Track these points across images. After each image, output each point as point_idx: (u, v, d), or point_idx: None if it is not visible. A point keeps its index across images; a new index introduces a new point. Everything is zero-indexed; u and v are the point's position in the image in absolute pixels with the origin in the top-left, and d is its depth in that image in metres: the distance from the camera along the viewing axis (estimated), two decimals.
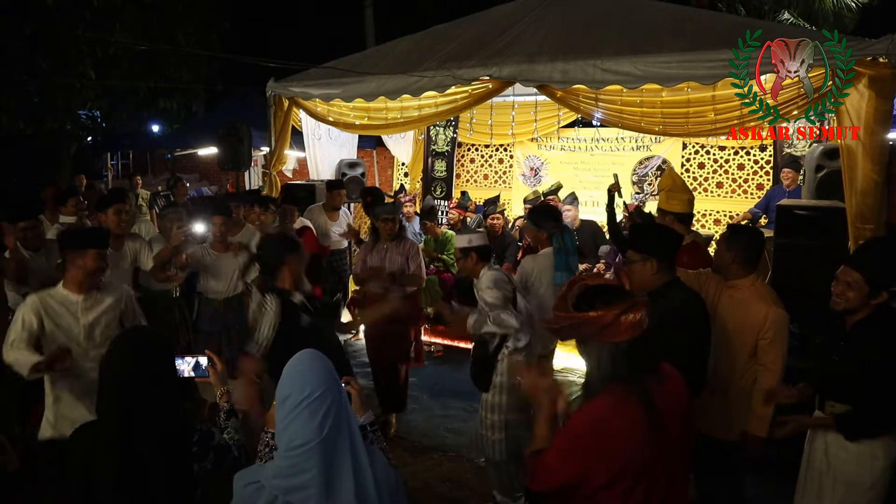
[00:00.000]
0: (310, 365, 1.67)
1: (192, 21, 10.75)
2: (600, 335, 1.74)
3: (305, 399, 1.58)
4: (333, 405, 1.61)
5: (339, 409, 1.62)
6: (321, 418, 1.57)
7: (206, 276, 4.79)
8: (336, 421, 1.60)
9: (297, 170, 10.97)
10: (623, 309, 1.72)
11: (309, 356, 1.72)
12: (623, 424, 1.71)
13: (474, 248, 3.60)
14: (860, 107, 4.08)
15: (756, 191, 8.00)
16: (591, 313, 1.73)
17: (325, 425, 1.57)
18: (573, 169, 9.04)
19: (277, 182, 6.99)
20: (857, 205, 4.13)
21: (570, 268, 4.11)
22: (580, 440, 1.75)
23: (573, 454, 1.74)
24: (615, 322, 1.71)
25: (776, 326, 2.86)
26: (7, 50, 8.77)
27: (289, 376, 1.65)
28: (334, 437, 1.58)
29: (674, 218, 3.78)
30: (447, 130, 9.17)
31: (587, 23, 5.44)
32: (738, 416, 2.94)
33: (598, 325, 1.73)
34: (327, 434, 1.57)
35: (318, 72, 6.52)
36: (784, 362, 2.86)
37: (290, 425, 1.57)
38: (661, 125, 5.40)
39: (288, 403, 1.59)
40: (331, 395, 1.62)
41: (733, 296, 3.00)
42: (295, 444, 1.55)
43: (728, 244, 3.00)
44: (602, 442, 1.71)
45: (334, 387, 1.65)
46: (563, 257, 4.12)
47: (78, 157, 12.80)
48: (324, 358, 1.73)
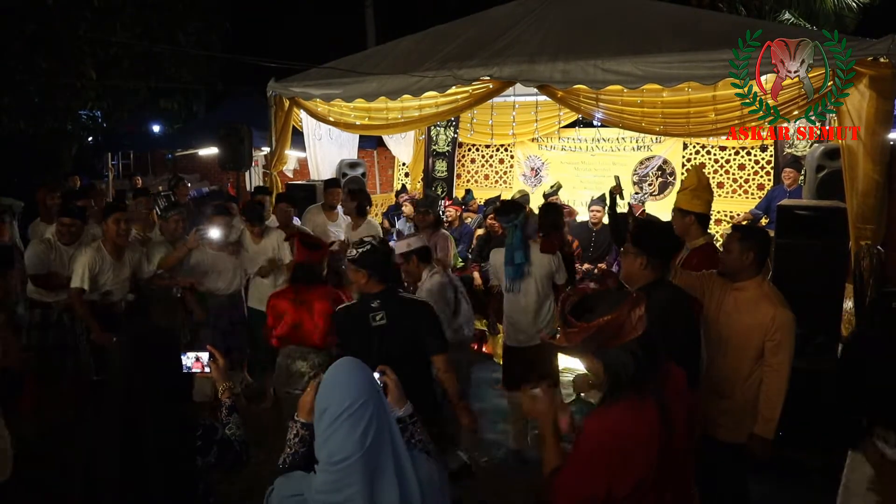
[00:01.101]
0: (349, 374, 1.60)
1: (192, 21, 10.76)
2: (620, 336, 1.71)
3: (346, 411, 1.51)
4: (375, 416, 1.53)
5: (380, 419, 1.55)
6: (362, 431, 1.50)
7: (208, 276, 4.84)
8: (378, 431, 1.52)
9: (298, 170, 10.97)
10: (629, 305, 1.71)
11: (349, 364, 1.64)
12: (642, 433, 1.69)
13: (414, 251, 3.76)
14: (861, 107, 4.08)
15: (757, 191, 8.00)
16: (605, 318, 1.70)
17: (367, 438, 1.50)
18: (574, 169, 9.05)
19: (278, 182, 6.99)
20: (858, 205, 4.14)
21: (513, 262, 4.15)
22: (601, 452, 1.71)
23: (595, 467, 1.71)
24: (628, 320, 1.70)
25: (784, 328, 2.83)
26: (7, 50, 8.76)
27: (327, 386, 1.59)
28: (377, 449, 1.52)
29: (695, 218, 3.66)
30: (448, 130, 9.17)
31: (588, 23, 5.44)
32: (744, 419, 2.92)
33: (614, 327, 1.70)
34: (369, 446, 1.50)
35: (319, 72, 6.52)
36: (790, 365, 2.84)
37: (330, 438, 1.51)
38: (661, 125, 5.40)
39: (327, 416, 1.53)
40: (372, 405, 1.54)
41: (739, 297, 2.96)
42: (336, 458, 1.49)
43: (743, 245, 2.93)
44: (624, 452, 1.68)
45: (375, 396, 1.58)
46: (509, 253, 4.18)
47: (78, 157, 12.80)
48: (364, 367, 1.66)
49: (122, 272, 4.49)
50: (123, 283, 4.52)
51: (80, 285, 4.26)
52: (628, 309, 1.70)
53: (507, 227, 4.25)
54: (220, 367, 2.32)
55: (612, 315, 1.70)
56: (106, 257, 4.38)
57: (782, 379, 2.83)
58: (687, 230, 3.67)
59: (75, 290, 4.27)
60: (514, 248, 4.16)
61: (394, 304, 2.94)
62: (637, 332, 1.71)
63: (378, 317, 2.88)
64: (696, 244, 3.65)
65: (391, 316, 2.90)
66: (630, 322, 1.70)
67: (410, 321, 2.93)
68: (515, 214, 4.20)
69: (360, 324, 2.91)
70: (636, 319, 1.70)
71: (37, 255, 4.41)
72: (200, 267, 4.81)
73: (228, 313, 4.95)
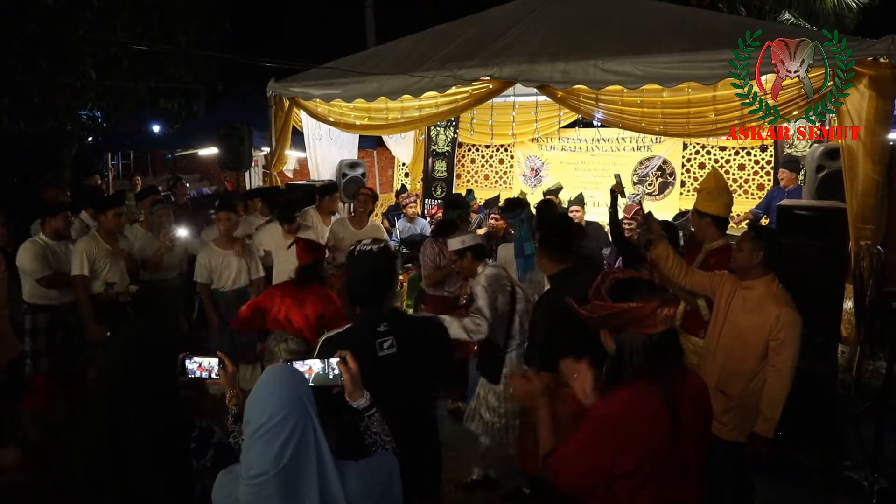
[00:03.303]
0: (275, 386, 1.56)
1: (192, 21, 10.73)
2: (637, 326, 1.76)
3: (264, 425, 1.49)
4: (297, 430, 1.49)
5: (304, 433, 1.50)
6: (280, 447, 1.47)
7: (215, 274, 4.88)
8: (299, 447, 1.49)
9: (298, 170, 10.96)
10: (660, 302, 1.75)
11: (277, 375, 1.61)
12: (644, 413, 1.74)
13: (469, 248, 3.79)
14: (861, 107, 4.08)
15: (757, 191, 8.00)
16: (631, 304, 1.75)
17: (284, 454, 1.46)
18: (574, 169, 9.05)
19: (278, 182, 6.99)
20: (858, 205, 4.14)
21: (523, 253, 4.38)
22: (605, 429, 1.76)
23: (598, 444, 1.76)
24: (652, 314, 1.74)
25: (788, 328, 2.84)
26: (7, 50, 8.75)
27: (252, 398, 1.56)
28: (295, 465, 1.48)
29: (711, 220, 3.64)
30: (448, 131, 9.17)
31: (588, 23, 5.44)
32: (748, 417, 2.93)
33: (636, 316, 1.74)
34: (287, 463, 1.47)
35: (319, 72, 6.52)
36: (794, 365, 2.84)
37: (249, 451, 1.49)
38: (661, 125, 5.40)
39: (249, 428, 1.51)
40: (294, 419, 1.50)
41: (747, 296, 2.99)
42: (252, 473, 1.48)
43: (754, 244, 2.96)
44: (626, 429, 1.73)
45: (299, 409, 1.53)
46: (518, 245, 4.42)
47: (78, 157, 12.78)
48: (295, 378, 1.62)
49: (120, 261, 4.66)
50: (123, 273, 4.68)
51: (81, 272, 4.42)
52: (656, 305, 1.74)
53: (513, 222, 4.53)
54: (228, 374, 2.26)
55: (639, 304, 1.74)
56: (101, 244, 4.55)
57: (784, 378, 2.83)
58: (704, 231, 3.69)
59: (79, 278, 4.42)
60: (523, 239, 4.39)
61: (404, 327, 2.40)
62: (657, 328, 1.74)
63: (386, 344, 2.33)
64: (714, 246, 3.65)
65: (402, 342, 2.35)
66: (654, 317, 1.74)
67: (425, 346, 2.41)
68: (521, 210, 4.49)
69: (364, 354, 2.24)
70: (661, 318, 1.74)
71: (34, 257, 4.40)
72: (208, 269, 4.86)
73: (235, 310, 4.96)
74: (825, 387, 3.88)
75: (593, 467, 1.76)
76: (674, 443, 1.75)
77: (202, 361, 2.24)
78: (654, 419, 1.73)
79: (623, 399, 1.78)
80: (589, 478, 1.78)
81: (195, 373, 2.23)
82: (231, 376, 2.27)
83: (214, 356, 2.25)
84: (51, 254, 4.48)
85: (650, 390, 1.75)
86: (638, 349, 1.76)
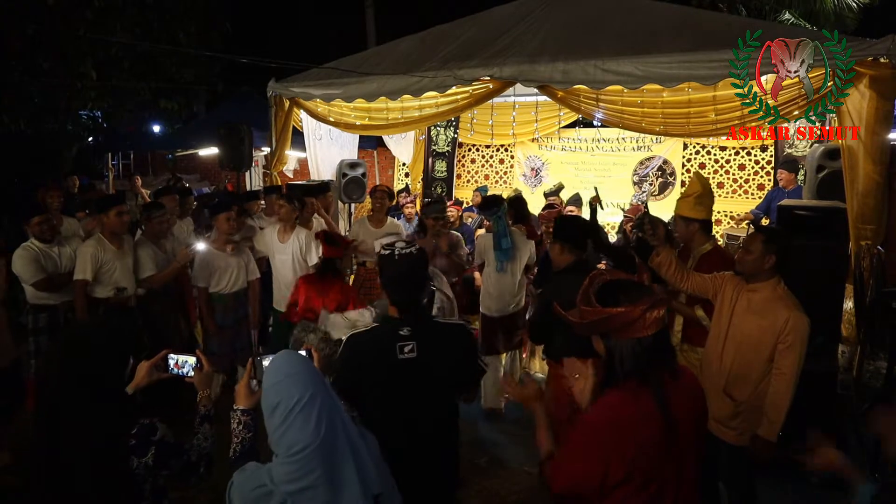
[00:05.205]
0: (291, 370, 1.68)
1: (193, 21, 10.74)
2: (626, 331, 1.73)
3: (297, 404, 1.61)
4: (325, 404, 1.64)
5: (330, 407, 1.66)
6: (316, 420, 1.60)
7: (215, 276, 4.85)
8: (330, 419, 1.63)
9: (298, 170, 10.96)
10: (648, 305, 1.72)
11: (291, 358, 1.73)
12: (635, 414, 1.72)
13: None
14: (861, 107, 4.08)
15: (757, 191, 8.01)
16: (619, 309, 1.72)
17: (321, 426, 1.61)
18: (574, 169, 9.05)
19: (278, 182, 6.99)
20: (858, 205, 4.14)
21: (500, 247, 4.75)
22: (596, 433, 1.75)
23: (590, 448, 1.74)
24: (641, 318, 1.71)
25: (797, 331, 2.81)
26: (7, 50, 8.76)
27: (275, 383, 1.66)
28: (331, 435, 1.63)
29: (699, 226, 3.63)
30: (448, 131, 9.17)
31: (588, 23, 5.44)
32: (754, 420, 2.91)
33: (625, 320, 1.72)
34: (325, 433, 1.61)
35: (319, 72, 6.52)
36: (799, 369, 2.82)
37: (287, 432, 1.60)
38: (661, 125, 5.40)
39: (279, 411, 1.61)
40: (320, 396, 1.64)
41: (752, 298, 2.95)
42: (295, 449, 1.59)
43: (767, 248, 2.91)
44: (618, 433, 1.71)
45: (321, 386, 1.68)
46: (496, 239, 4.77)
47: (78, 157, 12.79)
48: (304, 360, 1.75)
49: (127, 263, 4.59)
50: (130, 274, 4.61)
51: (83, 276, 4.37)
52: (645, 308, 1.71)
53: (491, 219, 4.85)
54: (202, 374, 2.28)
55: (626, 308, 1.71)
56: (108, 247, 4.49)
57: (789, 382, 2.81)
58: (692, 237, 3.67)
59: (79, 283, 4.37)
60: (500, 235, 4.74)
61: (428, 332, 2.32)
62: (647, 332, 1.72)
63: (407, 348, 2.24)
64: (703, 250, 3.64)
65: (424, 347, 2.26)
66: (643, 321, 1.71)
67: (448, 352, 2.32)
68: (497, 207, 4.80)
69: (383, 356, 2.25)
70: (650, 321, 1.72)
71: (27, 262, 4.41)
72: (208, 271, 4.82)
73: (233, 312, 4.93)
74: (825, 387, 3.88)
75: (586, 474, 1.74)
76: (668, 444, 1.73)
77: (179, 359, 2.29)
78: (647, 422, 1.72)
79: (614, 403, 1.76)
80: (582, 485, 1.77)
81: (173, 370, 2.29)
82: (205, 377, 2.29)
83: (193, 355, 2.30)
84: (44, 257, 4.48)
85: (642, 393, 1.73)
86: (628, 354, 1.74)
